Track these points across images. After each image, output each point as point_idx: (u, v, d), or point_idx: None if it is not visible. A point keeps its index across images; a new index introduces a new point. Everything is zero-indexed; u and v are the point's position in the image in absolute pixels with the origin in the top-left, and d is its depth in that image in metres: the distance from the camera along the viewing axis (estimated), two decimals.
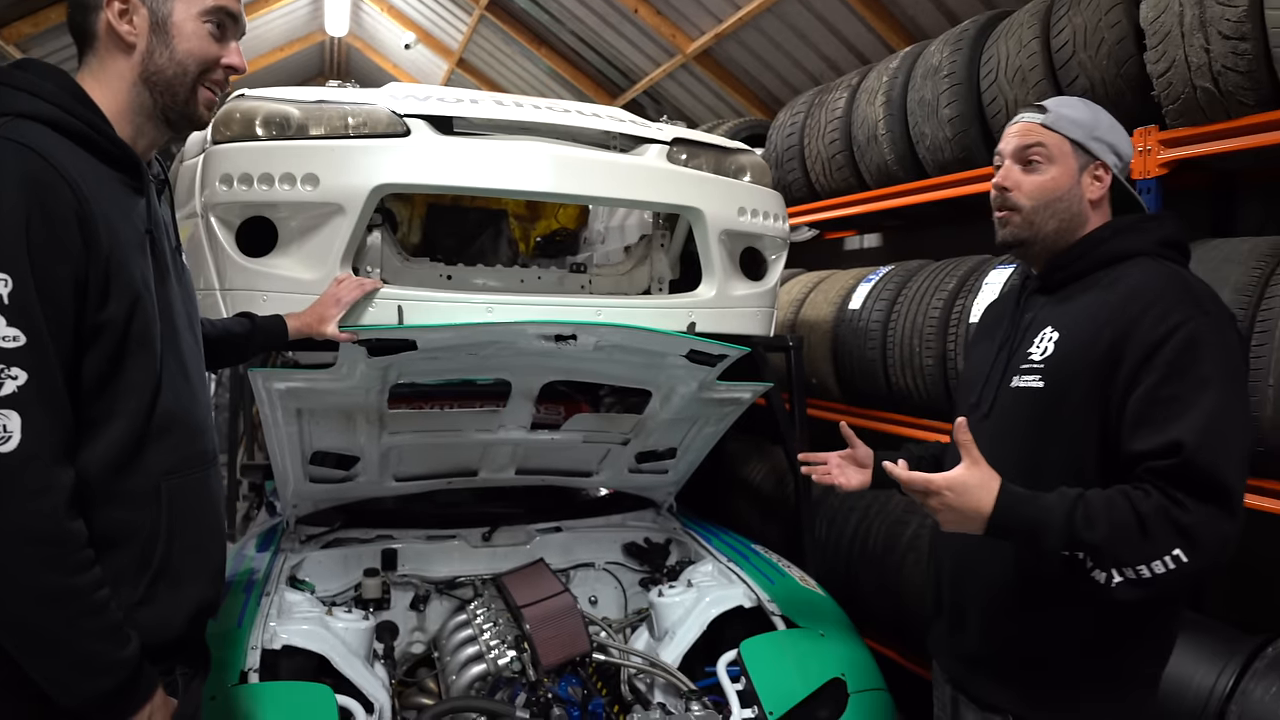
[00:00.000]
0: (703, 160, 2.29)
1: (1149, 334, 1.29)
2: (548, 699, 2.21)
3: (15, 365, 1.03)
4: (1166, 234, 1.45)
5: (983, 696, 1.50)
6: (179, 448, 1.24)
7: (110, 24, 1.20)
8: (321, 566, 2.60)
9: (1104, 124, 1.47)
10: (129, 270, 1.16)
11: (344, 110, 2.02)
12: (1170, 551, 1.21)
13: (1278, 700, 1.89)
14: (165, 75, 1.22)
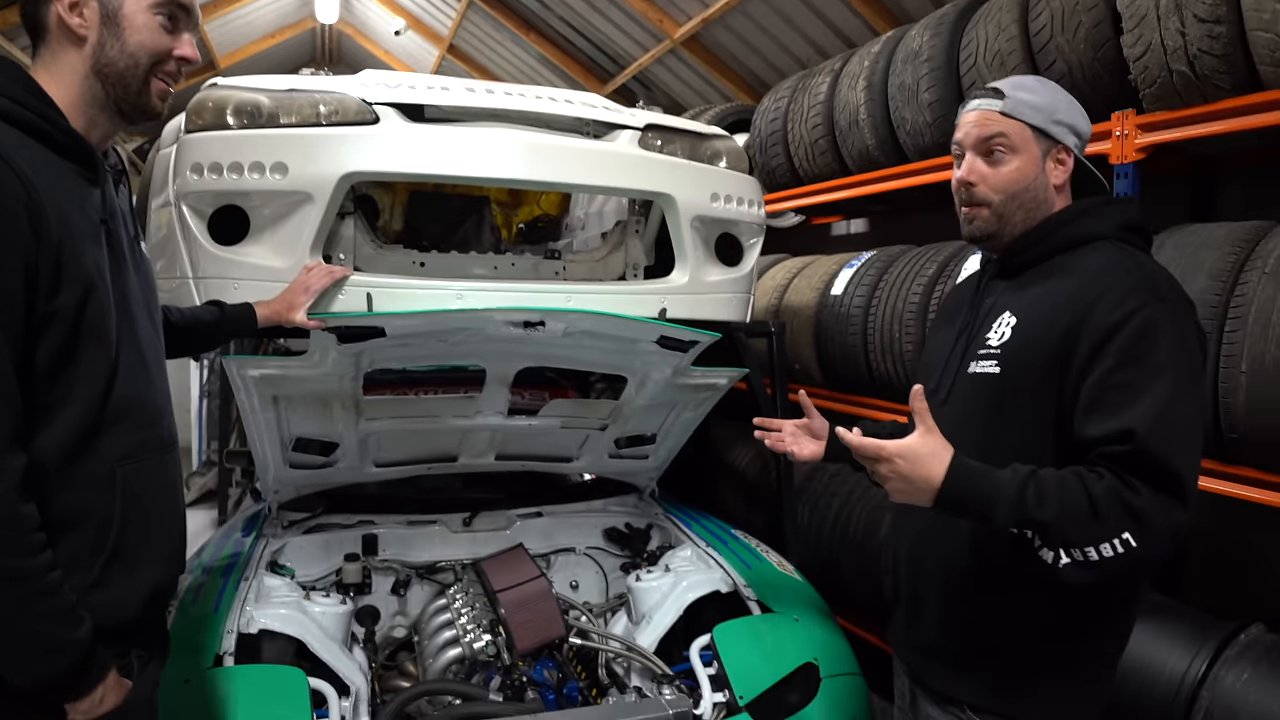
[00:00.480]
0: (677, 146, 2.28)
1: (1104, 319, 1.27)
2: (522, 682, 2.22)
3: None
4: (1127, 218, 1.43)
5: (939, 688, 1.49)
6: (135, 433, 1.25)
7: (61, 17, 1.21)
8: (302, 552, 2.62)
9: (1062, 105, 1.44)
10: (82, 260, 1.17)
11: (314, 99, 2.02)
12: (1120, 535, 1.20)
13: (1249, 687, 1.91)
14: (117, 67, 1.24)
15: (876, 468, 1.31)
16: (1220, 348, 1.85)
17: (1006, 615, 1.40)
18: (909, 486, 1.28)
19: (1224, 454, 1.91)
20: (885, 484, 1.32)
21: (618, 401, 2.57)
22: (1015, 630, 1.40)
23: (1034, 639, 1.40)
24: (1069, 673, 1.41)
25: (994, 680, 1.43)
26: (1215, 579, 2.52)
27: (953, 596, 1.46)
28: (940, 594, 1.48)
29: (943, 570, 1.47)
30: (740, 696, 2.03)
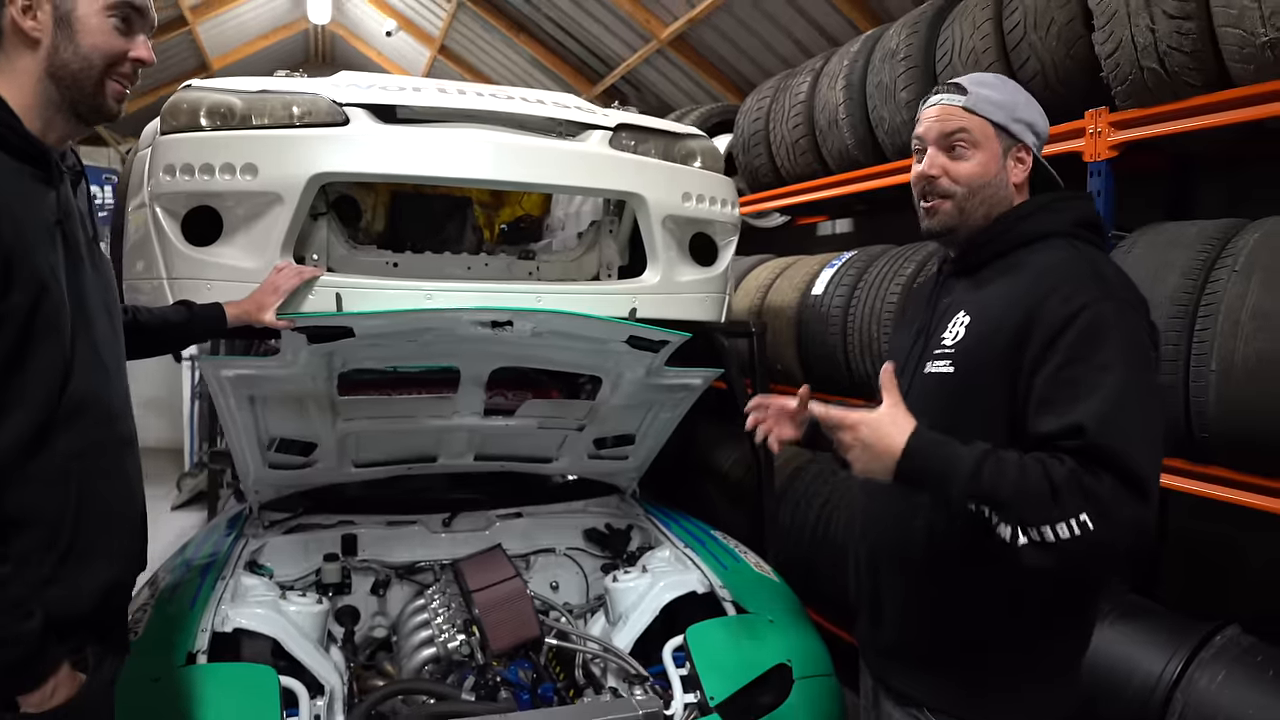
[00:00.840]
0: (650, 146, 2.28)
1: (1053, 316, 1.26)
2: (496, 682, 2.22)
3: None
4: (1081, 215, 1.42)
5: (900, 689, 1.49)
6: (89, 432, 1.25)
7: (14, 20, 1.21)
8: (282, 552, 2.62)
9: (1022, 103, 1.44)
10: (34, 260, 1.18)
11: (286, 100, 2.02)
12: (1078, 515, 1.17)
13: (1223, 689, 1.90)
14: (71, 69, 1.24)
15: (841, 436, 1.30)
16: (1191, 347, 1.84)
17: (964, 618, 1.40)
18: (870, 455, 1.28)
19: (1195, 453, 1.91)
20: (848, 454, 1.31)
21: (594, 402, 2.57)
22: (973, 633, 1.40)
23: (992, 642, 1.39)
24: (1027, 676, 1.41)
25: (953, 682, 1.43)
26: (1193, 580, 2.52)
27: (911, 599, 1.46)
28: (900, 596, 1.48)
29: (902, 573, 1.47)
30: (711, 697, 2.02)
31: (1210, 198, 2.45)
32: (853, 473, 1.34)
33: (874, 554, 1.53)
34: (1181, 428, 1.87)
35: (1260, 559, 2.34)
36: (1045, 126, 1.47)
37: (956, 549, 1.37)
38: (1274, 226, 1.81)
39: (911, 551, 1.43)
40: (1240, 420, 1.75)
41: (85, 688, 1.25)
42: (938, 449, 1.26)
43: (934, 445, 1.26)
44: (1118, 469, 1.18)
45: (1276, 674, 1.87)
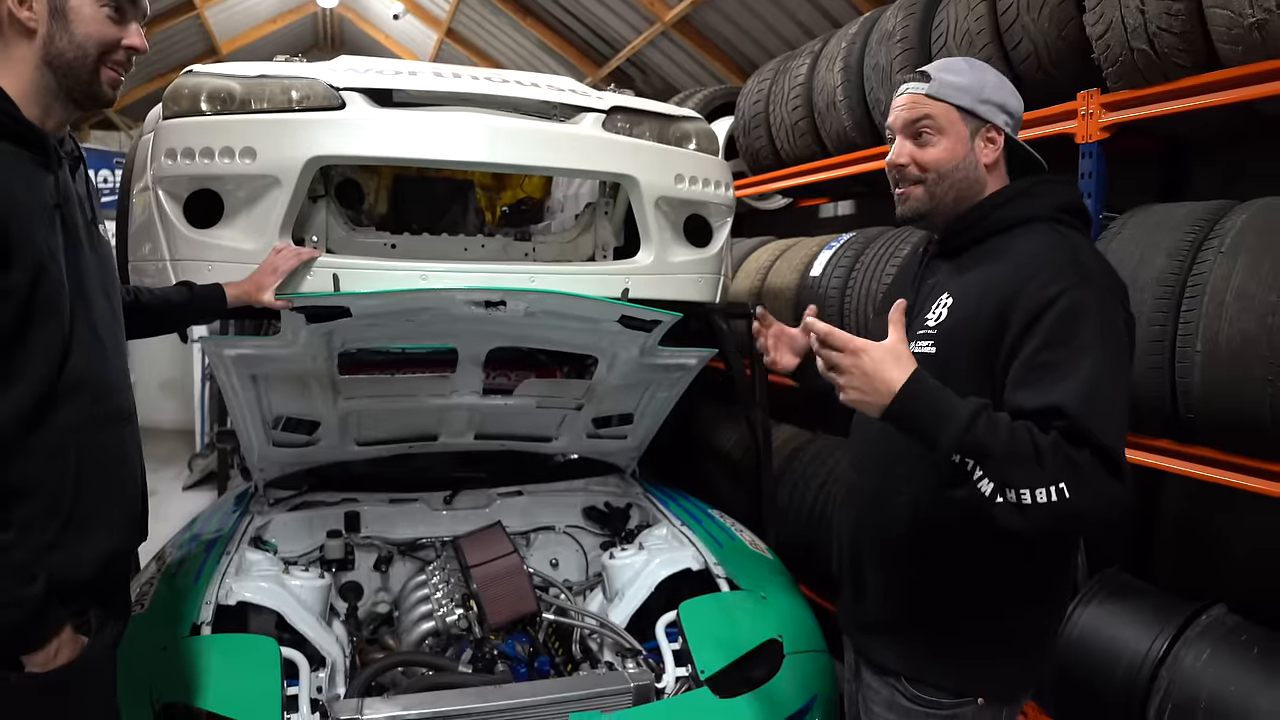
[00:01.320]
0: (645, 128, 2.30)
1: (1032, 301, 1.29)
2: (493, 655, 2.28)
3: None
4: (1064, 200, 1.44)
5: (878, 660, 1.53)
6: (88, 406, 1.30)
7: (10, 10, 1.25)
8: (286, 528, 2.68)
9: (990, 84, 1.44)
10: (33, 242, 1.22)
11: (284, 84, 2.06)
12: (1057, 483, 1.19)
13: (1208, 667, 1.93)
14: (66, 58, 1.28)
15: (839, 359, 1.27)
16: (1177, 328, 1.85)
17: (940, 592, 1.44)
18: (867, 386, 1.25)
19: (1181, 434, 1.92)
20: (842, 380, 1.28)
21: (590, 381, 2.60)
22: (948, 606, 1.44)
23: (965, 615, 1.43)
24: (1000, 648, 1.45)
25: (928, 652, 1.47)
26: (1184, 561, 2.53)
27: (891, 573, 1.49)
28: (879, 570, 1.51)
29: (883, 549, 1.50)
30: (702, 671, 2.07)
31: (1202, 179, 2.45)
32: (840, 400, 1.31)
33: (857, 529, 1.56)
34: (1167, 408, 1.88)
35: (1248, 540, 2.36)
36: (1018, 106, 1.47)
37: (936, 526, 1.40)
38: (1260, 208, 1.81)
39: (893, 527, 1.46)
40: (1225, 401, 1.76)
41: (87, 650, 1.31)
42: (936, 393, 1.25)
43: (932, 390, 1.26)
44: (1095, 446, 1.21)
45: (1260, 652, 1.89)
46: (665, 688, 2.08)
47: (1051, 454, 1.20)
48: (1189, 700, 1.89)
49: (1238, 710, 1.81)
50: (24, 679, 1.24)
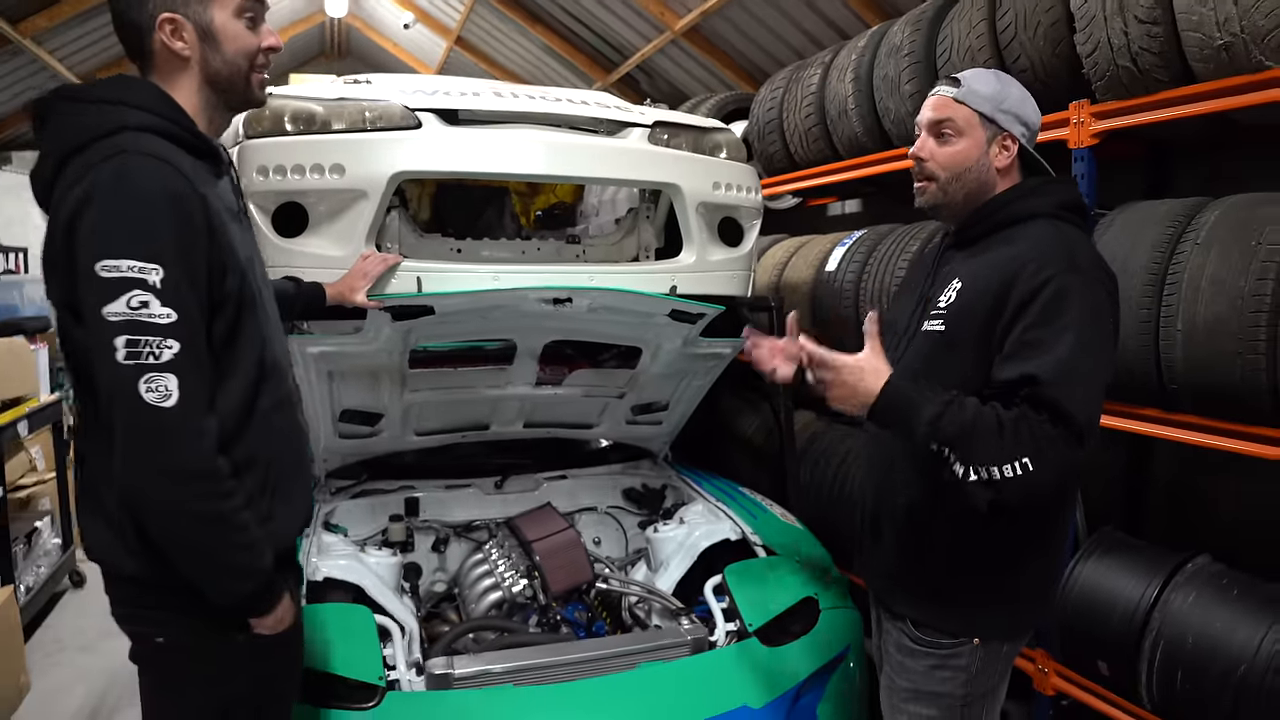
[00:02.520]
0: (682, 140, 2.54)
1: (1026, 285, 1.43)
2: (556, 620, 2.52)
3: (170, 337, 1.22)
4: (1065, 198, 1.59)
5: (892, 606, 1.70)
6: (277, 390, 1.45)
7: (165, 44, 1.36)
8: (352, 514, 2.89)
9: (1012, 97, 1.58)
10: (234, 247, 1.36)
11: (361, 106, 2.28)
12: (1020, 458, 1.34)
13: (1194, 608, 2.17)
14: (223, 75, 1.40)
15: (824, 374, 1.48)
16: (1160, 310, 2.09)
17: (943, 547, 1.60)
18: (847, 393, 1.47)
19: (1166, 403, 2.17)
20: (828, 390, 1.49)
21: (634, 371, 2.84)
22: (949, 559, 1.60)
23: (964, 567, 1.60)
24: (994, 595, 1.62)
25: (931, 599, 1.64)
26: (1173, 518, 2.80)
27: (902, 530, 1.66)
28: (893, 527, 1.68)
29: (894, 508, 1.67)
30: (750, 624, 2.29)
31: (1183, 180, 2.71)
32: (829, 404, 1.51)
33: (877, 491, 1.74)
34: (1154, 381, 2.13)
35: (1230, 498, 2.63)
36: (1035, 119, 1.62)
37: (939, 491, 1.53)
38: (1230, 205, 2.07)
39: (904, 491, 1.63)
40: (1202, 374, 2.01)
41: (298, 613, 1.50)
42: (907, 394, 1.44)
43: (904, 391, 1.44)
44: (1057, 414, 1.36)
45: (1239, 593, 2.15)
46: (717, 640, 2.31)
47: (1013, 430, 1.35)
48: (1178, 637, 2.13)
49: (1221, 644, 2.05)
50: (252, 639, 1.41)
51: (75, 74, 6.70)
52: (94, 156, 1.24)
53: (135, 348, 1.21)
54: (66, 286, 1.26)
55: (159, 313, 1.21)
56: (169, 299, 1.22)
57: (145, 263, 1.21)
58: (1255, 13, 1.91)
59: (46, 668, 3.52)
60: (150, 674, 1.44)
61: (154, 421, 1.22)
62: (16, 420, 3.65)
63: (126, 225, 1.22)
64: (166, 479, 1.25)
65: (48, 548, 4.20)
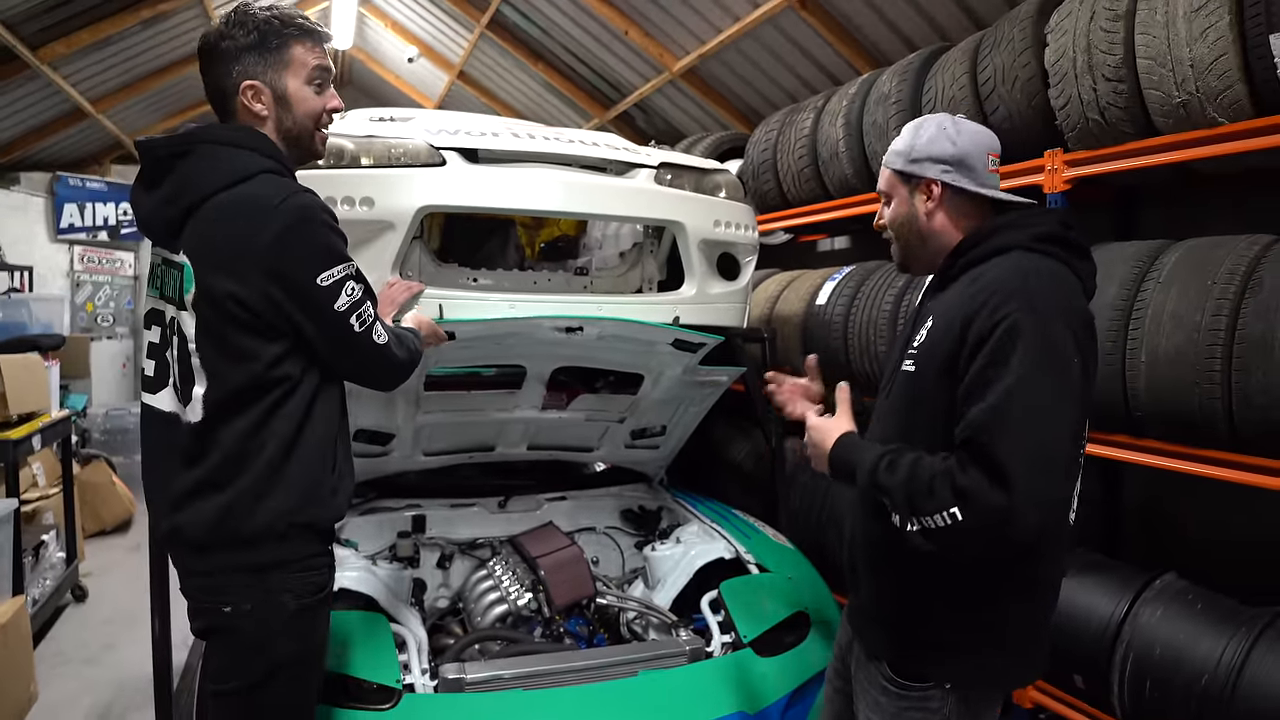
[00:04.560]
0: (685, 180, 2.71)
1: (982, 325, 1.40)
2: (560, 632, 2.63)
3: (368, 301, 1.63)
4: (1042, 230, 1.51)
5: (870, 647, 1.66)
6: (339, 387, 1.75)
7: (245, 105, 1.62)
8: (361, 529, 3.00)
9: (921, 141, 1.58)
10: None
11: (389, 143, 2.44)
12: (948, 509, 1.33)
13: (1162, 622, 2.32)
14: (294, 133, 1.66)
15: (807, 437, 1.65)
16: (1126, 342, 2.27)
17: (914, 589, 1.56)
18: (816, 453, 1.62)
19: (1132, 429, 2.34)
20: (807, 451, 1.65)
21: (635, 396, 2.98)
22: (921, 602, 1.55)
23: (936, 610, 1.54)
24: (968, 641, 1.53)
25: (903, 641, 1.59)
26: (1146, 539, 2.96)
27: (875, 570, 1.64)
28: (868, 567, 1.67)
29: (868, 548, 1.66)
30: (744, 636, 2.41)
31: (1147, 222, 2.92)
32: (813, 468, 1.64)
33: (853, 531, 1.73)
34: (1121, 409, 2.31)
35: (1196, 519, 2.79)
36: (955, 151, 1.56)
37: None
38: (1189, 247, 2.26)
39: (876, 531, 1.59)
40: (1164, 403, 2.19)
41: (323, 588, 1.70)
42: (851, 449, 1.54)
43: (850, 447, 1.55)
44: (985, 463, 1.32)
45: (1203, 608, 2.30)
46: (713, 651, 2.43)
47: (941, 483, 1.35)
48: (1146, 649, 2.28)
49: (1186, 655, 2.20)
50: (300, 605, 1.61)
51: (87, 98, 6.86)
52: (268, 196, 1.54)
53: (360, 319, 1.60)
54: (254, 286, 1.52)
55: (357, 290, 1.60)
56: (359, 279, 1.62)
57: (342, 265, 1.59)
58: (1209, 74, 2.12)
59: (51, 679, 3.58)
60: (215, 640, 1.63)
61: (380, 353, 1.67)
62: (31, 435, 3.75)
63: (322, 243, 1.57)
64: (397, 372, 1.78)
65: (53, 561, 4.27)
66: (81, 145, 8.18)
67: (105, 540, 5.62)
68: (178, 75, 7.35)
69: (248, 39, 1.59)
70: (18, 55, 5.53)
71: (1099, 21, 2.35)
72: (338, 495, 1.68)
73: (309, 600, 1.63)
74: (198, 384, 1.58)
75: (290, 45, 1.62)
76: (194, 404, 1.59)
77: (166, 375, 1.68)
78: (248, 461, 1.56)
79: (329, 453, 1.66)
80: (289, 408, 1.58)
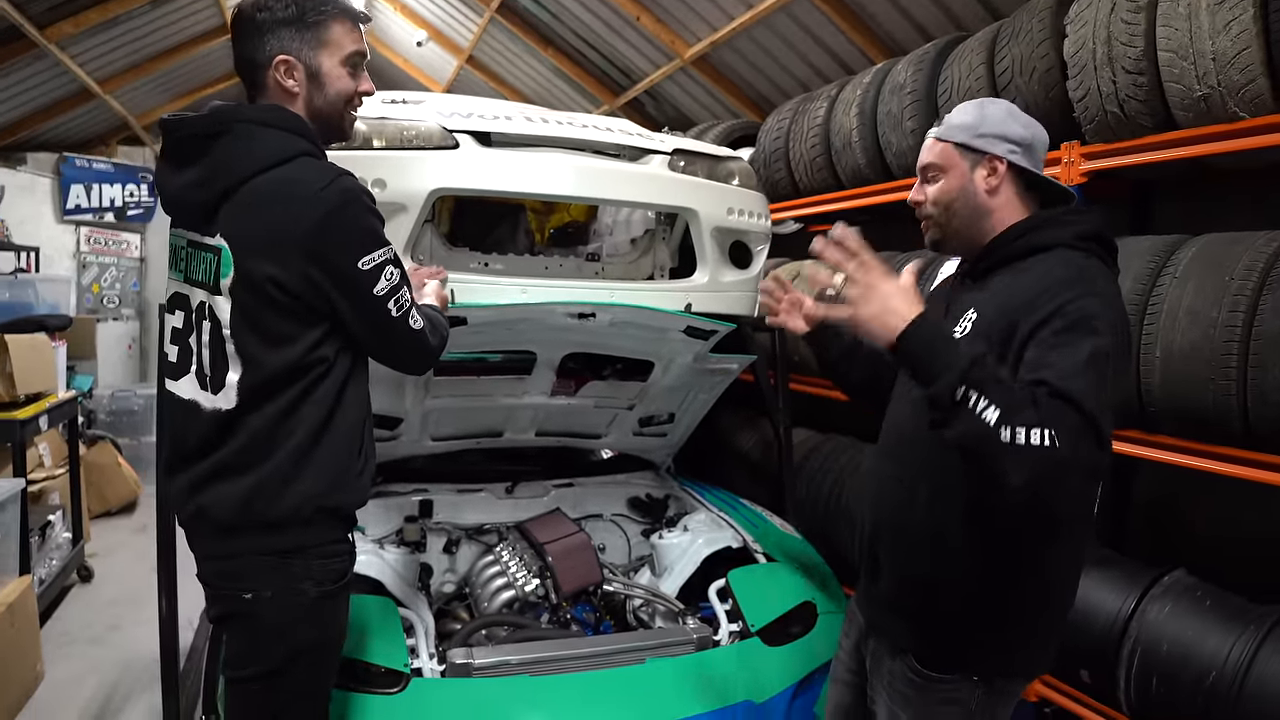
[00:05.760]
0: (698, 167, 2.69)
1: (1041, 311, 1.39)
2: (567, 619, 2.64)
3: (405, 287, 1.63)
4: (1084, 228, 1.53)
5: (893, 639, 1.64)
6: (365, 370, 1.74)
7: (278, 80, 1.58)
8: (369, 514, 2.99)
9: (991, 119, 1.56)
10: None
11: (401, 126, 2.42)
12: (1047, 429, 1.23)
13: (1169, 619, 2.33)
14: (324, 112, 1.62)
15: (857, 274, 1.36)
16: (1141, 338, 2.26)
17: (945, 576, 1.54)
18: (878, 311, 1.33)
19: (1146, 424, 2.33)
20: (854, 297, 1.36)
21: (645, 383, 2.98)
22: (952, 590, 1.54)
23: (968, 599, 1.53)
24: (998, 632, 1.53)
25: (931, 632, 1.58)
26: (1155, 535, 2.95)
27: (902, 556, 1.62)
28: (892, 553, 1.64)
29: (895, 531, 1.63)
30: (751, 625, 2.42)
31: (1164, 217, 2.89)
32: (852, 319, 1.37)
33: (876, 512, 1.69)
34: (1135, 404, 2.30)
35: (1206, 515, 2.78)
36: (1027, 133, 1.57)
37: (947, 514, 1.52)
38: (1205, 242, 2.24)
39: (907, 512, 1.58)
40: (1178, 398, 2.18)
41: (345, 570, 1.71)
42: (943, 331, 1.35)
43: (940, 328, 1.35)
44: (1078, 409, 1.26)
45: (1211, 604, 2.30)
46: (720, 639, 2.44)
47: (1046, 402, 1.26)
48: (1154, 645, 2.28)
49: (1193, 652, 2.20)
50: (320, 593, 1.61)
51: (95, 79, 6.84)
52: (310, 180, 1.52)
53: (398, 304, 1.60)
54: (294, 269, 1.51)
55: (396, 274, 1.59)
56: (396, 264, 1.61)
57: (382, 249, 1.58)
58: (1231, 68, 2.10)
59: (58, 659, 3.60)
60: (234, 626, 1.63)
61: (415, 338, 1.66)
62: (39, 415, 3.76)
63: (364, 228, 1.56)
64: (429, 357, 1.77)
65: (59, 541, 4.29)
66: (88, 126, 8.15)
67: (111, 521, 5.64)
68: (185, 56, 7.32)
69: (285, 12, 1.56)
70: (25, 34, 5.51)
71: (1120, 13, 2.32)
72: (363, 478, 1.68)
73: (330, 587, 1.63)
74: (231, 370, 1.56)
75: (329, 23, 1.59)
76: (227, 390, 1.56)
77: (190, 361, 1.64)
78: (276, 445, 1.56)
79: (357, 436, 1.66)
80: (320, 392, 1.58)
